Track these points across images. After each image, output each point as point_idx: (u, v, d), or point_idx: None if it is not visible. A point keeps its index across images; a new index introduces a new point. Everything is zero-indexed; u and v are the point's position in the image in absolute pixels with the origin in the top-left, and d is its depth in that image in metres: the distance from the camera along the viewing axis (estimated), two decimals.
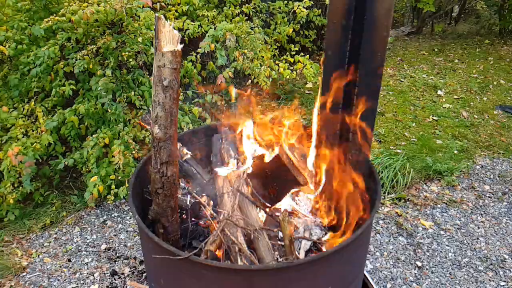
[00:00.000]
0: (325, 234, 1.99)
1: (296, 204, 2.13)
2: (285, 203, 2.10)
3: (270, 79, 4.35)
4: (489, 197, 3.65)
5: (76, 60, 3.40)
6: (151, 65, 3.49)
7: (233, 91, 2.54)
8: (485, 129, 4.68)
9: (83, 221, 3.45)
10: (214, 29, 4.04)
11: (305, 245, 1.91)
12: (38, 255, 3.13)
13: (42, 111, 3.44)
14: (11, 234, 3.30)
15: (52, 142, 3.36)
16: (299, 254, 1.86)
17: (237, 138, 2.31)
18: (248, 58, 4.23)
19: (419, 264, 2.98)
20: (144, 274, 2.91)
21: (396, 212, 3.47)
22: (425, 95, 5.45)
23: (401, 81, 5.87)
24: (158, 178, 1.81)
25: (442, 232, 3.27)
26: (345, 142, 1.82)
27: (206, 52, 3.90)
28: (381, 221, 3.39)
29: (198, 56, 3.96)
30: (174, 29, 1.63)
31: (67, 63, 3.47)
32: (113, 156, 3.29)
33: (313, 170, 2.05)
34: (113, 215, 3.51)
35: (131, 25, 3.47)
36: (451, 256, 3.05)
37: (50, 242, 3.26)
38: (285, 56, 4.76)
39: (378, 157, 3.88)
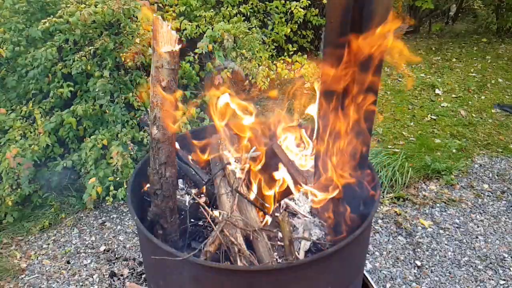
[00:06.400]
0: (325, 234, 1.99)
1: (295, 204, 2.13)
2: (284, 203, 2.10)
3: (268, 79, 4.35)
4: (488, 196, 3.66)
5: (74, 61, 3.39)
6: (149, 66, 3.49)
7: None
8: (484, 128, 4.69)
9: (82, 223, 3.45)
10: (212, 29, 4.04)
11: (305, 245, 1.91)
12: (37, 257, 3.12)
13: (40, 112, 3.44)
14: (10, 236, 3.30)
15: (50, 144, 3.36)
16: (298, 254, 1.85)
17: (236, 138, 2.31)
18: (246, 59, 4.23)
19: (419, 263, 2.98)
20: (143, 276, 2.90)
21: (395, 211, 3.47)
22: (423, 94, 5.45)
23: (399, 80, 5.88)
24: (157, 179, 1.80)
25: (441, 231, 3.27)
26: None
27: (204, 52, 3.90)
28: (380, 221, 3.39)
29: (196, 57, 3.96)
30: (172, 29, 1.63)
31: (65, 65, 3.47)
32: (111, 158, 3.28)
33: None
34: (112, 217, 3.51)
35: (128, 26, 3.47)
36: (451, 255, 3.05)
37: (49, 244, 3.25)
38: (283, 56, 4.76)
39: (377, 157, 3.88)
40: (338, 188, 1.83)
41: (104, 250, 3.18)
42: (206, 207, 1.97)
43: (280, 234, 1.85)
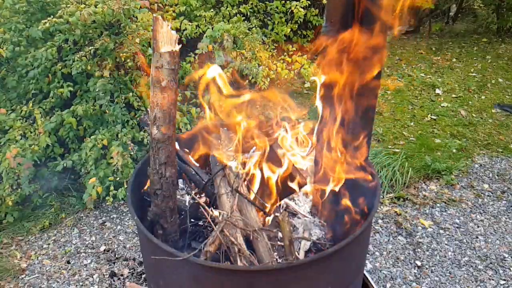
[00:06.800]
0: (325, 234, 1.99)
1: (296, 204, 2.13)
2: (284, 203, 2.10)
3: (268, 79, 4.35)
4: (488, 196, 3.66)
5: (74, 61, 3.39)
6: (149, 66, 3.49)
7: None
8: (484, 128, 4.69)
9: (82, 223, 3.45)
10: (212, 29, 4.04)
11: (305, 245, 1.91)
12: (37, 257, 3.12)
13: (40, 112, 3.44)
14: (10, 236, 3.30)
15: (51, 144, 3.35)
16: (298, 254, 1.85)
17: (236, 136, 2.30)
18: (246, 59, 4.24)
19: (419, 263, 2.98)
20: (143, 276, 2.90)
21: (395, 211, 3.47)
22: (423, 94, 5.45)
23: (399, 80, 5.87)
24: (157, 179, 1.80)
25: (441, 231, 3.27)
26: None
27: (204, 53, 3.90)
28: (380, 221, 3.39)
29: (197, 57, 3.96)
30: (172, 29, 1.63)
31: (65, 65, 3.46)
32: (111, 157, 3.28)
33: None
34: (112, 217, 3.51)
35: (128, 26, 3.47)
36: (451, 255, 3.05)
37: (49, 244, 3.25)
38: (283, 56, 4.76)
39: (377, 157, 3.88)
40: (340, 180, 1.83)
41: (104, 250, 3.18)
42: (206, 207, 1.97)
43: (280, 234, 1.85)
